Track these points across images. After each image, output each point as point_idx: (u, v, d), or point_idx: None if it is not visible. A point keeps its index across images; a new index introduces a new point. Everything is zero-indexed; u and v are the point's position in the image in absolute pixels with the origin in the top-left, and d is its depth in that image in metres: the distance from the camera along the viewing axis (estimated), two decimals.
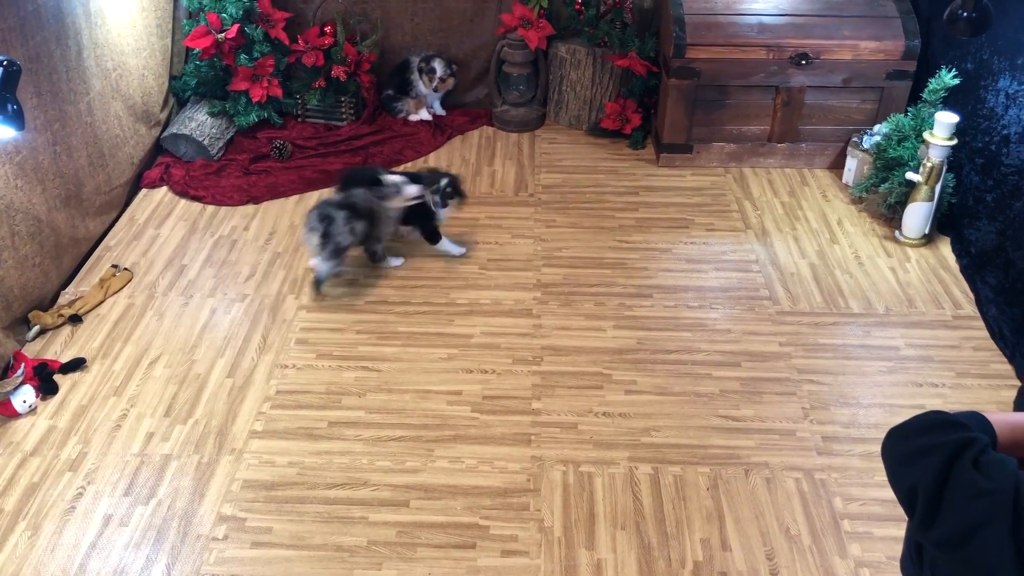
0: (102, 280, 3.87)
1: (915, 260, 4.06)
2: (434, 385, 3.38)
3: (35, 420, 3.22)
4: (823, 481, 2.98)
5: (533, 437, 3.16)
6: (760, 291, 3.87)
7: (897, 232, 4.19)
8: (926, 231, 4.12)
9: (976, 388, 3.37)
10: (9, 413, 3.20)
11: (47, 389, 3.31)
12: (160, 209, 4.42)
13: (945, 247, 4.14)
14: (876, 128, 4.44)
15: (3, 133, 2.93)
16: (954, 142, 3.90)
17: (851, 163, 4.55)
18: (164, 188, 4.57)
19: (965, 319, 3.70)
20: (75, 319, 3.66)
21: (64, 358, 3.46)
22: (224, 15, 4.66)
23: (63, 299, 3.80)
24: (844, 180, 4.62)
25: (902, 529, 1.45)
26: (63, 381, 3.38)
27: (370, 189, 3.81)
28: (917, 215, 4.07)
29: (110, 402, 3.30)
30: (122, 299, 3.82)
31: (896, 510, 2.70)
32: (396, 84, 5.11)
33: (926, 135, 3.96)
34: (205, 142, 4.68)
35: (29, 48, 3.51)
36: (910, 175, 4.03)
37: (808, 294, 3.85)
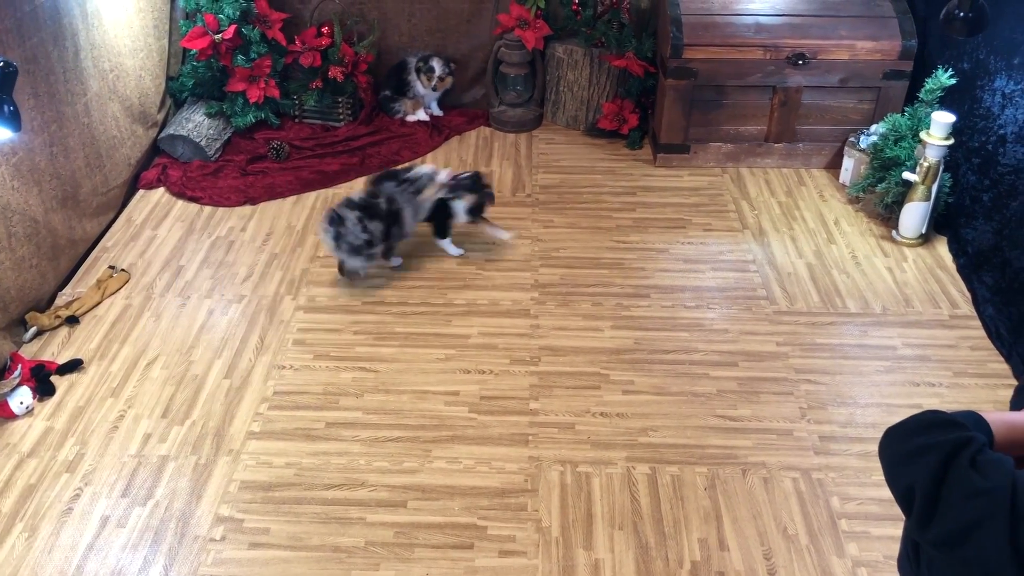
0: (99, 281, 3.86)
1: (912, 260, 4.07)
2: (432, 386, 3.38)
3: (32, 421, 3.21)
4: (820, 481, 2.98)
5: (531, 437, 3.16)
6: (757, 291, 3.87)
7: (894, 232, 4.19)
8: (923, 231, 4.13)
9: (973, 387, 3.37)
10: (6, 415, 3.20)
11: (44, 390, 3.31)
12: (157, 210, 4.42)
13: (942, 247, 4.14)
14: (873, 128, 4.45)
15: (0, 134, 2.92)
16: (951, 142, 3.91)
17: (848, 163, 4.56)
18: (161, 189, 4.56)
19: (962, 318, 3.71)
20: (72, 320, 3.66)
21: (61, 359, 3.46)
22: (221, 16, 4.65)
23: (60, 300, 3.79)
24: (841, 180, 4.62)
25: (899, 528, 1.45)
26: (60, 382, 3.37)
27: (403, 183, 3.87)
28: (914, 215, 4.08)
29: (107, 403, 3.29)
30: (119, 300, 3.81)
31: (893, 509, 2.70)
32: (393, 85, 5.11)
33: (923, 135, 3.97)
34: (202, 143, 4.67)
35: (26, 49, 3.51)
36: (907, 175, 4.03)
37: (805, 294, 3.85)
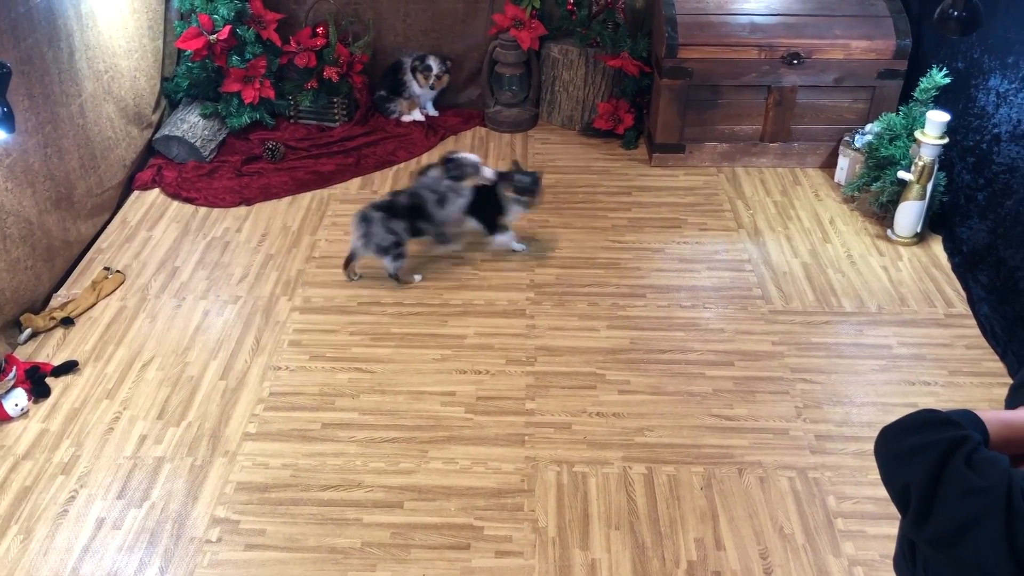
0: (94, 282, 3.85)
1: (907, 259, 4.07)
2: (428, 386, 3.38)
3: (27, 423, 3.21)
4: (816, 480, 2.99)
5: (527, 437, 3.16)
6: (753, 290, 3.88)
7: (889, 231, 4.20)
8: (918, 230, 4.14)
9: (968, 386, 3.38)
10: (1, 417, 3.19)
11: (39, 392, 3.30)
12: (152, 211, 4.41)
13: (937, 245, 4.15)
14: (868, 127, 4.45)
15: None
16: (945, 141, 3.92)
17: (843, 162, 4.57)
18: (156, 190, 4.55)
19: (957, 317, 3.72)
20: (67, 322, 3.65)
21: (56, 361, 3.45)
22: (216, 16, 4.65)
23: (55, 302, 3.78)
24: (836, 179, 4.63)
25: (895, 527, 1.45)
26: (55, 384, 3.37)
27: (447, 168, 3.89)
28: (909, 214, 4.08)
29: (103, 405, 3.29)
30: (114, 301, 3.80)
31: (889, 508, 2.70)
32: (389, 85, 5.11)
33: (917, 134, 3.98)
34: (197, 144, 4.67)
35: (20, 50, 3.50)
36: (902, 174, 4.04)
37: (801, 293, 3.86)
